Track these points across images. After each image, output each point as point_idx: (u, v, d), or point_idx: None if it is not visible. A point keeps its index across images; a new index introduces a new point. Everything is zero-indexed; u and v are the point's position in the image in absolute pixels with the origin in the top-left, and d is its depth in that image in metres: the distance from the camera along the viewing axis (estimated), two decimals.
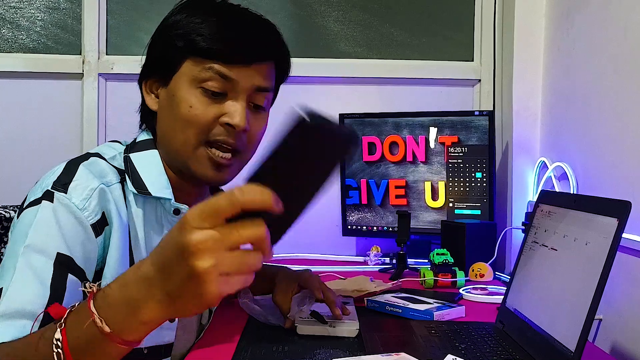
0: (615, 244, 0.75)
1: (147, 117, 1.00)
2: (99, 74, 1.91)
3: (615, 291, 1.18)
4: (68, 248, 0.82)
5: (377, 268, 1.70)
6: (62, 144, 1.91)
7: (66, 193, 0.84)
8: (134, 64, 1.91)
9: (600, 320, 1.24)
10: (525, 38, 1.74)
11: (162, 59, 0.94)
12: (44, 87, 1.91)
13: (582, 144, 1.43)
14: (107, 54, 1.93)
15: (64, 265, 0.81)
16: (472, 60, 2.00)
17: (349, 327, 0.98)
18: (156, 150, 0.97)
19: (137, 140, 0.99)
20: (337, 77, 1.95)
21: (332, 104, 1.94)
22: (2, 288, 0.77)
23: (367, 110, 1.88)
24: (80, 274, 0.83)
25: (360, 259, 1.85)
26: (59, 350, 0.64)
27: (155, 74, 0.96)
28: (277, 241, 0.58)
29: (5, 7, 1.90)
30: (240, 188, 0.53)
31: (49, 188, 0.85)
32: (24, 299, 0.76)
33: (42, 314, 0.75)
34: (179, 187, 0.97)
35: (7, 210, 1.29)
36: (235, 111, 0.91)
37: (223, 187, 1.10)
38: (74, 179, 0.86)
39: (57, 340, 0.64)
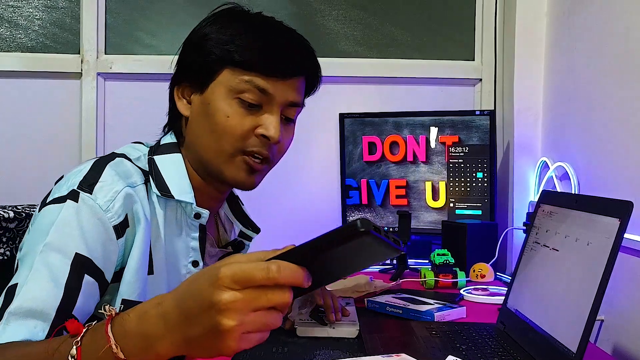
0: (617, 245, 0.75)
1: (175, 121, 1.02)
2: (98, 74, 1.91)
3: (617, 292, 1.18)
4: (88, 249, 0.83)
5: (377, 268, 1.70)
6: (60, 145, 1.91)
7: (91, 194, 0.86)
8: (133, 63, 1.94)
9: (602, 321, 1.24)
10: (527, 37, 1.74)
11: (197, 66, 0.95)
12: (42, 87, 1.91)
13: (583, 143, 1.43)
14: (105, 53, 1.93)
15: (81, 266, 0.82)
16: (473, 60, 2.00)
17: (348, 328, 0.98)
18: (180, 154, 0.99)
19: (161, 143, 1.01)
20: (337, 77, 1.94)
21: (332, 103, 1.94)
22: (17, 284, 0.79)
23: (367, 110, 1.88)
24: (98, 275, 0.85)
25: None
26: None
27: (189, 80, 0.97)
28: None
29: (4, 6, 1.90)
30: (277, 264, 0.55)
31: (75, 188, 0.87)
32: (37, 298, 0.78)
33: (54, 317, 0.77)
34: (202, 190, 1.00)
35: (6, 211, 1.29)
36: (270, 124, 0.93)
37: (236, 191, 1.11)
38: (100, 179, 0.88)
39: (72, 357, 0.66)
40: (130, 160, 0.94)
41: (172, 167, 0.97)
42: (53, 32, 1.92)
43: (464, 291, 1.32)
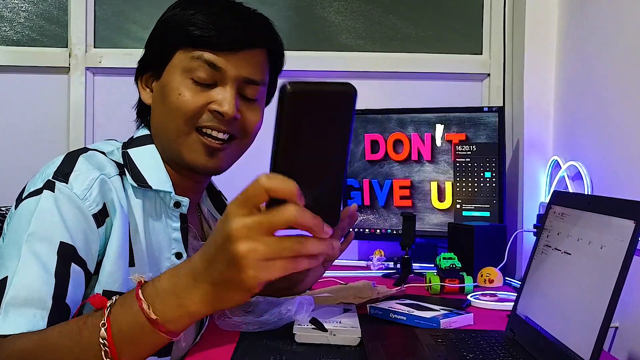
0: (632, 248, 0.75)
1: (143, 113, 1.06)
2: (87, 68, 1.91)
3: (632, 297, 1.18)
4: (71, 237, 0.85)
5: (380, 273, 1.70)
6: (47, 141, 1.91)
7: (67, 183, 0.88)
8: (123, 57, 1.94)
9: (617, 328, 1.24)
10: (537, 30, 1.74)
11: (156, 53, 1.00)
12: (28, 82, 1.91)
13: (597, 141, 1.43)
14: (95, 47, 1.93)
15: (67, 254, 0.84)
16: (481, 54, 2.00)
17: (350, 336, 0.98)
18: (154, 145, 1.02)
19: (134, 137, 1.04)
20: (338, 71, 1.94)
21: None
22: (7, 276, 0.80)
23: (369, 107, 1.88)
24: (82, 264, 0.87)
25: (363, 263, 1.85)
26: (104, 340, 0.70)
27: (150, 69, 1.01)
28: (335, 221, 0.61)
29: None
30: (265, 175, 0.58)
31: (50, 178, 0.89)
32: (31, 287, 0.80)
33: (51, 305, 0.80)
34: (177, 182, 1.01)
35: None
36: (223, 99, 0.95)
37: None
38: (75, 169, 0.90)
39: (103, 325, 0.71)
40: (103, 154, 0.97)
41: (148, 158, 0.99)
42: (39, 25, 1.92)
43: (471, 297, 1.32)
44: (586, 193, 1.42)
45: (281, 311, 1.03)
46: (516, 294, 1.04)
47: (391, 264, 1.76)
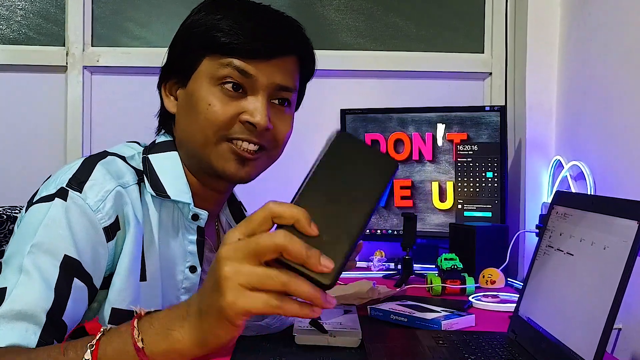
0: (636, 248, 0.75)
1: (166, 121, 1.02)
2: (84, 67, 1.91)
3: (635, 298, 1.18)
4: (77, 251, 0.83)
5: (381, 274, 1.70)
6: (44, 142, 1.91)
7: (81, 192, 0.86)
8: (121, 56, 1.94)
9: (620, 329, 1.24)
10: (539, 28, 1.74)
11: (180, 59, 0.96)
12: (25, 81, 1.91)
13: (600, 141, 1.42)
14: (92, 46, 1.93)
15: (70, 268, 0.82)
16: (483, 52, 2.00)
17: (350, 337, 0.98)
18: (176, 153, 0.99)
19: (156, 142, 1.01)
20: (338, 70, 1.94)
21: (332, 98, 1.94)
22: (5, 287, 0.79)
23: (370, 106, 1.88)
24: (87, 279, 0.85)
25: (363, 264, 1.85)
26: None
27: (174, 76, 0.98)
28: (337, 272, 0.59)
29: None
30: (275, 202, 0.58)
31: (64, 185, 0.87)
32: (28, 300, 0.78)
33: (45, 321, 0.78)
34: (198, 192, 0.99)
35: None
36: (255, 109, 0.92)
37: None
38: (90, 178, 0.88)
39: (91, 346, 0.69)
40: (123, 159, 0.95)
41: (168, 166, 0.97)
42: (36, 23, 1.92)
43: (472, 298, 1.32)
44: (589, 193, 1.42)
45: (282, 316, 1.02)
46: (518, 295, 1.04)
47: (392, 265, 1.76)
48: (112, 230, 0.88)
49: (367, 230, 1.82)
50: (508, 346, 0.96)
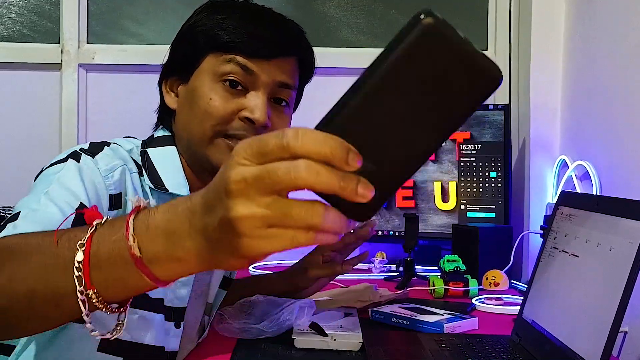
0: None
1: (165, 117, 1.05)
2: (79, 65, 1.91)
3: None
4: (89, 202, 0.85)
5: (382, 276, 1.69)
6: (39, 140, 1.91)
7: (93, 158, 0.90)
8: (117, 53, 1.95)
9: (626, 332, 1.24)
10: (544, 26, 1.74)
11: (183, 56, 0.99)
12: (19, 79, 1.91)
13: (605, 140, 1.42)
14: (87, 43, 1.93)
15: (80, 215, 0.81)
16: (486, 50, 2.00)
17: (351, 340, 0.98)
18: (174, 147, 1.01)
19: (155, 136, 1.04)
20: (338, 68, 1.94)
21: (332, 97, 1.92)
22: (20, 212, 0.79)
23: None
24: None
25: (364, 266, 1.85)
26: (79, 264, 0.58)
27: (176, 73, 1.01)
28: (369, 214, 0.47)
29: None
30: (296, 129, 0.46)
31: (77, 149, 0.91)
32: (43, 220, 0.78)
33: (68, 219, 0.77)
34: (196, 186, 1.00)
35: None
36: (255, 105, 0.95)
37: None
38: (102, 152, 0.93)
39: (81, 245, 0.58)
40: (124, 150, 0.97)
41: (167, 160, 0.99)
42: (31, 20, 1.92)
43: (475, 300, 1.32)
44: (594, 193, 1.42)
45: (280, 319, 1.03)
46: (522, 298, 1.04)
47: (393, 267, 1.75)
48: (115, 202, 0.90)
49: None
50: (512, 350, 0.96)
